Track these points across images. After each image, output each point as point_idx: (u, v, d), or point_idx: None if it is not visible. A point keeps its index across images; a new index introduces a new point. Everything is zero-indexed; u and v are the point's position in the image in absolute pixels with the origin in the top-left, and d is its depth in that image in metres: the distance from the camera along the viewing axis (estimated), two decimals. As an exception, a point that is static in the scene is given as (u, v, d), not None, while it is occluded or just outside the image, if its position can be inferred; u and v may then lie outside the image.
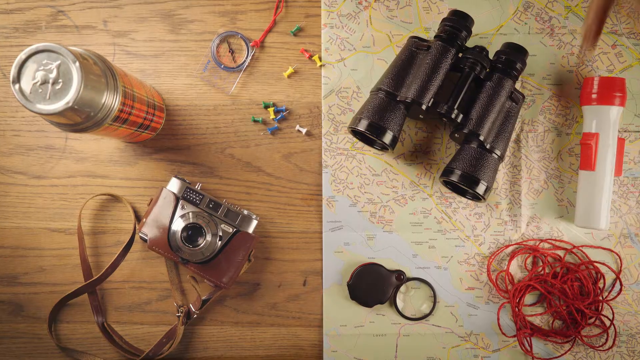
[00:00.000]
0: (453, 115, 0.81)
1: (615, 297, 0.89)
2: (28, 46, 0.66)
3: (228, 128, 0.91)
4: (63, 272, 0.91)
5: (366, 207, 0.90)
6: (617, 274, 0.89)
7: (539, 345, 0.89)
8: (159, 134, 0.91)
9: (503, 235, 0.90)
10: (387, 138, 0.81)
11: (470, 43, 0.88)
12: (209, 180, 0.91)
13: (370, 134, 0.81)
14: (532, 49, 0.89)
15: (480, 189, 0.81)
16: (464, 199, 0.90)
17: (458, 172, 0.81)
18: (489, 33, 0.90)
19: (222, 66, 0.91)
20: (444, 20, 0.84)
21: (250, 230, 0.86)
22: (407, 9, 0.90)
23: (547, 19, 0.90)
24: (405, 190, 0.90)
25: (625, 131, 0.89)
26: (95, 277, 0.88)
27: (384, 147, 0.85)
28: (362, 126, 0.81)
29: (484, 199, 0.83)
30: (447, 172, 0.83)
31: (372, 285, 0.88)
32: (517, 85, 0.90)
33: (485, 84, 0.83)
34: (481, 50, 0.83)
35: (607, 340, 0.89)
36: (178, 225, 0.83)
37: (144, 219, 0.85)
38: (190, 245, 0.83)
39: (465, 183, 0.81)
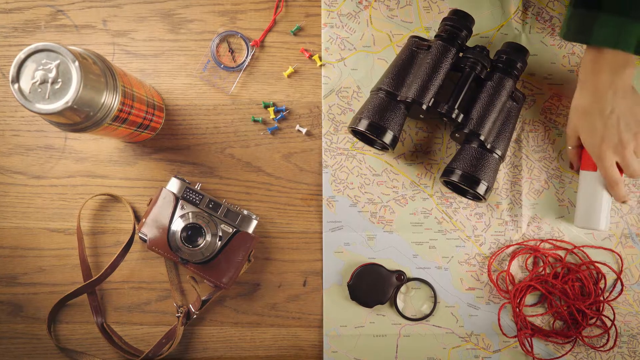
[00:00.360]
0: (453, 115, 0.81)
1: (616, 297, 0.89)
2: (27, 46, 0.66)
3: (228, 128, 0.91)
4: (62, 273, 0.90)
5: (366, 207, 0.90)
6: (618, 274, 0.89)
7: (539, 346, 0.89)
8: (159, 133, 0.91)
9: (504, 236, 0.90)
10: (388, 138, 0.81)
11: (470, 42, 0.88)
12: (208, 180, 0.90)
13: (370, 133, 0.81)
14: (532, 49, 0.89)
15: (481, 189, 0.81)
16: (464, 199, 0.89)
17: (459, 172, 0.81)
18: (489, 32, 0.90)
19: (222, 66, 0.90)
20: (444, 19, 0.83)
21: (250, 230, 0.86)
22: (408, 9, 0.90)
23: (548, 18, 0.89)
24: (406, 190, 0.90)
25: (626, 131, 0.89)
26: (95, 278, 0.87)
27: (384, 147, 0.85)
28: (362, 126, 0.81)
29: (485, 199, 0.82)
30: (448, 172, 0.83)
31: (372, 285, 0.88)
32: (518, 85, 0.89)
33: (486, 84, 0.83)
34: (482, 49, 0.82)
35: (608, 340, 0.89)
36: (178, 225, 0.83)
37: (144, 219, 0.85)
38: (190, 245, 0.82)
39: (466, 183, 0.81)
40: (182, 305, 0.89)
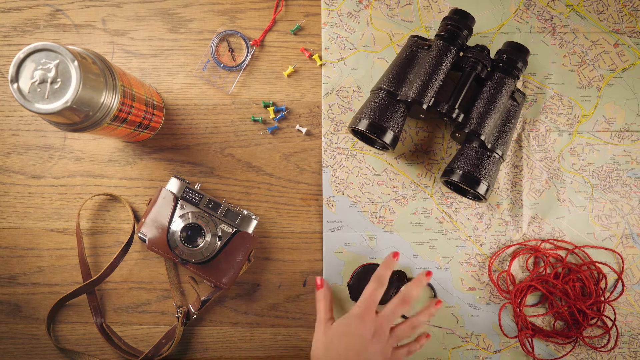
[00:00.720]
0: (454, 115, 0.81)
1: (617, 297, 0.88)
2: (26, 45, 0.65)
3: (227, 127, 0.90)
4: (61, 273, 0.90)
5: (366, 207, 0.90)
6: (619, 275, 0.88)
7: (540, 346, 0.89)
8: (158, 133, 0.90)
9: (504, 236, 0.89)
10: (388, 138, 0.81)
11: (471, 42, 0.88)
12: (208, 180, 0.90)
13: (370, 133, 0.81)
14: (533, 48, 0.89)
15: (482, 189, 0.81)
16: (465, 199, 0.89)
17: (459, 172, 0.81)
18: (490, 32, 0.90)
19: (222, 65, 0.90)
20: (445, 19, 0.83)
21: (250, 230, 0.85)
22: (408, 8, 0.90)
23: (549, 17, 0.89)
24: (406, 190, 0.90)
25: (627, 130, 0.89)
26: (94, 278, 0.87)
27: (384, 147, 0.85)
28: (362, 126, 0.81)
29: (485, 199, 0.82)
30: (448, 172, 0.82)
31: None
32: (519, 85, 0.89)
33: (487, 83, 0.82)
34: (482, 49, 0.82)
35: (609, 341, 0.89)
36: (177, 225, 0.83)
37: (143, 219, 0.85)
38: (190, 245, 0.82)
39: (466, 183, 0.81)
40: (181, 306, 0.89)
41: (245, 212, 0.85)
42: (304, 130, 0.90)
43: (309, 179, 0.90)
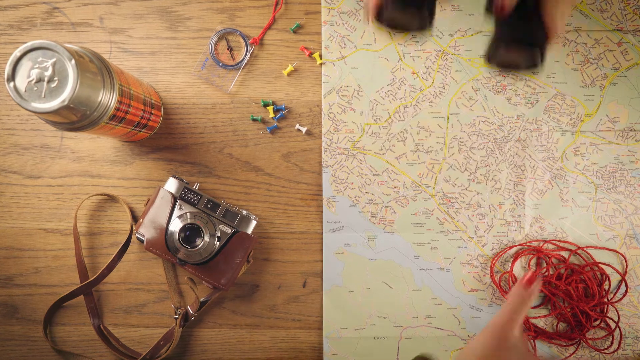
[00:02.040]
0: None
1: (621, 299, 0.88)
2: (23, 43, 0.65)
3: (226, 127, 0.90)
4: (59, 274, 0.89)
5: (367, 207, 0.89)
6: (623, 276, 0.88)
7: (543, 348, 0.88)
8: (156, 132, 0.90)
9: (506, 236, 0.89)
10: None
11: (472, 41, 0.87)
12: (207, 180, 0.89)
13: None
14: (536, 47, 0.88)
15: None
16: (465, 199, 0.88)
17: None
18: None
19: (221, 64, 0.89)
20: None
21: (249, 230, 0.85)
22: (409, 6, 0.89)
23: (551, 16, 0.88)
24: (407, 191, 0.89)
25: (631, 130, 0.88)
26: (92, 279, 0.86)
27: (421, 23, 0.62)
28: None
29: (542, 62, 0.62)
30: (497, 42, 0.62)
31: None
32: (520, 84, 0.88)
33: None
34: None
35: (612, 342, 0.88)
36: (175, 225, 0.82)
37: (141, 220, 0.84)
38: (188, 246, 0.81)
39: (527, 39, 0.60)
40: (180, 307, 0.88)
41: (244, 212, 0.84)
42: (303, 129, 0.89)
43: (308, 179, 0.90)
